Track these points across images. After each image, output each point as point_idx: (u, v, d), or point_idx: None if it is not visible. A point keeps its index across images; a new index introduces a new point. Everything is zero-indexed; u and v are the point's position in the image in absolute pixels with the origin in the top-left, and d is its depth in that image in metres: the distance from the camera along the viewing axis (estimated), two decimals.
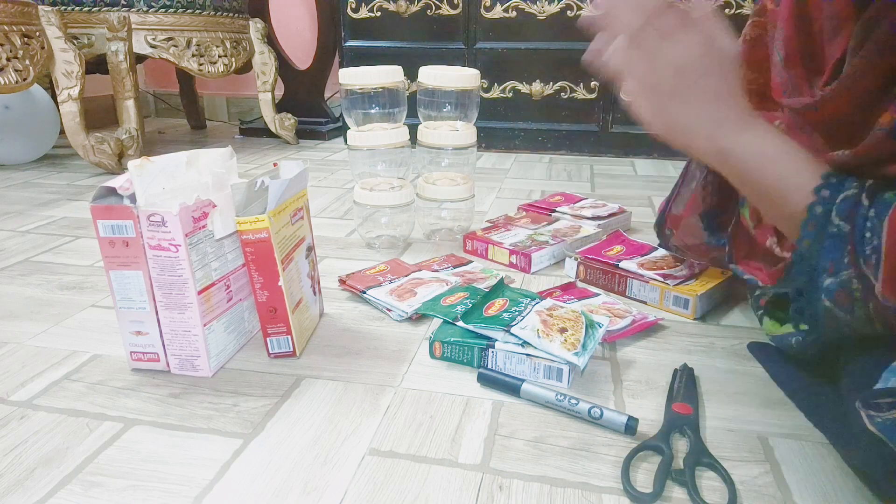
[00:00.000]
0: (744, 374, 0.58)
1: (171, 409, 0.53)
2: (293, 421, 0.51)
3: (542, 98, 1.72)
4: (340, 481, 0.44)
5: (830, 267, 0.43)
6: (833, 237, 0.42)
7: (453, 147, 0.92)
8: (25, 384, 0.57)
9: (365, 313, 0.71)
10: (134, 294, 0.55)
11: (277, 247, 0.56)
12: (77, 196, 1.25)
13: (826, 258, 0.43)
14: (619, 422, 0.49)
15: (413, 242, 0.96)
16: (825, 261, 0.43)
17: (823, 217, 0.43)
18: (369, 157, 0.92)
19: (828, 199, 0.43)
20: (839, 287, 0.43)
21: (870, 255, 0.40)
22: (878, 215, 0.40)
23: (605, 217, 1.00)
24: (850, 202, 0.42)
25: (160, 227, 0.52)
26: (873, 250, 0.40)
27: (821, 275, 0.43)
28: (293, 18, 2.27)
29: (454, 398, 0.54)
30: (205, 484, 0.44)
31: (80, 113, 1.39)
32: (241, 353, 0.62)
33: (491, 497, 0.42)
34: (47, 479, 0.44)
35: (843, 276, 0.42)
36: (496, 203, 1.21)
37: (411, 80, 1.03)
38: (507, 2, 1.65)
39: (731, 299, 0.74)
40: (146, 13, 1.50)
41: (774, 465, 0.46)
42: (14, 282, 0.81)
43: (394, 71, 0.86)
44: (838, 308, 0.44)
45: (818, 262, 0.43)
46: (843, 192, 0.43)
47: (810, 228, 0.43)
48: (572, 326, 0.58)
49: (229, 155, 0.60)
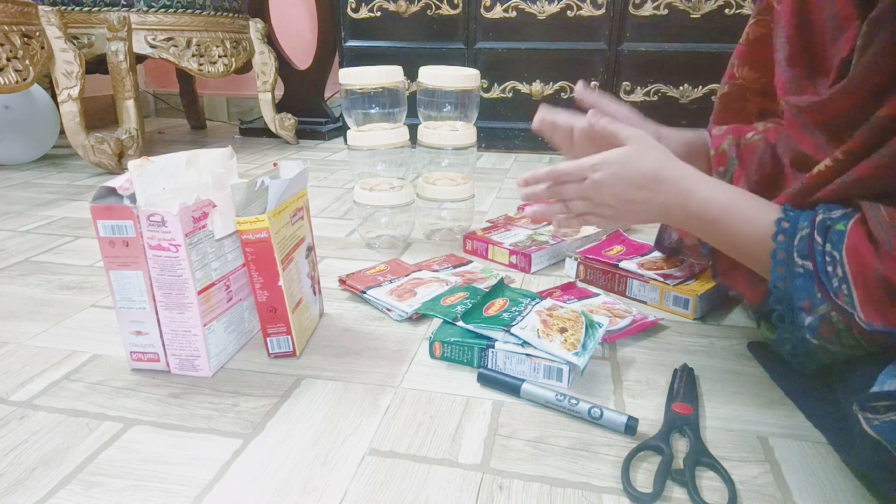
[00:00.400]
0: (744, 374, 0.58)
1: (171, 409, 0.53)
2: (293, 421, 0.51)
3: (542, 98, 1.72)
4: (340, 481, 0.44)
5: (806, 304, 0.44)
6: (801, 276, 0.44)
7: (453, 147, 0.92)
8: (25, 384, 0.57)
9: (365, 313, 0.71)
10: (134, 294, 0.55)
11: (277, 247, 0.56)
12: (77, 196, 1.25)
13: (800, 297, 0.45)
14: (619, 422, 0.49)
15: (413, 242, 0.96)
16: (800, 300, 0.45)
17: (787, 260, 0.45)
18: (369, 157, 0.92)
19: (785, 242, 0.45)
20: (820, 321, 0.44)
21: (838, 288, 0.41)
22: (834, 247, 0.42)
23: None
24: (805, 241, 0.44)
25: (160, 227, 0.52)
26: (840, 281, 0.41)
27: (799, 314, 0.45)
28: (293, 18, 2.27)
29: (454, 398, 0.54)
30: (205, 484, 0.44)
31: (80, 113, 1.39)
32: (241, 353, 0.62)
33: (491, 497, 0.42)
34: (47, 479, 0.44)
35: (820, 311, 0.44)
36: (496, 203, 1.21)
37: (411, 80, 1.04)
38: (507, 2, 1.65)
39: (731, 299, 0.74)
40: (146, 13, 1.50)
41: (774, 465, 0.46)
42: (14, 282, 0.81)
43: (394, 71, 0.86)
44: (825, 342, 0.45)
45: (793, 301, 0.45)
46: (797, 233, 0.45)
47: (779, 271, 0.46)
48: (572, 326, 0.58)
49: (229, 155, 0.60)
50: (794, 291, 0.45)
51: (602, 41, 1.62)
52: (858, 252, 0.41)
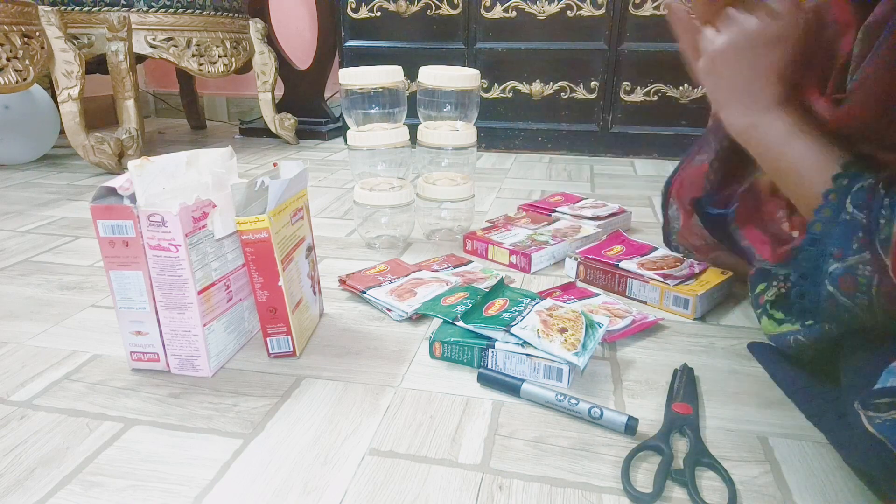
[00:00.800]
0: (744, 374, 0.58)
1: (171, 409, 0.53)
2: (293, 421, 0.51)
3: (542, 98, 1.72)
4: (340, 481, 0.44)
5: (838, 253, 0.44)
6: (844, 224, 0.44)
7: (453, 147, 0.92)
8: (25, 384, 0.57)
9: (365, 313, 0.71)
10: (134, 294, 0.55)
11: (277, 247, 0.56)
12: (77, 196, 1.25)
13: (834, 244, 0.44)
14: (619, 422, 0.49)
15: (413, 242, 0.96)
16: (833, 246, 0.44)
17: (838, 204, 0.45)
18: (369, 157, 0.92)
19: (844, 187, 0.45)
20: (845, 272, 0.44)
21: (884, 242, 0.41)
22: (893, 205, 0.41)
23: (605, 217, 1.00)
24: (865, 192, 0.43)
25: (160, 227, 0.52)
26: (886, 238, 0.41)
27: (827, 259, 0.45)
28: (293, 18, 2.27)
29: (454, 398, 0.54)
30: (205, 484, 0.44)
31: (80, 113, 1.39)
32: (241, 353, 0.62)
33: (491, 497, 0.42)
34: (47, 479, 0.44)
35: (849, 262, 0.44)
36: (496, 203, 1.21)
37: (411, 80, 1.04)
38: (507, 2, 1.65)
39: (731, 299, 0.74)
40: (146, 13, 1.50)
41: (774, 465, 0.46)
42: (14, 282, 0.81)
43: (394, 71, 0.86)
44: (841, 293, 0.45)
45: (826, 247, 0.45)
46: (859, 181, 0.44)
47: (825, 214, 0.45)
48: (572, 326, 0.58)
49: (229, 155, 0.60)
50: (830, 237, 0.45)
51: (602, 41, 1.62)
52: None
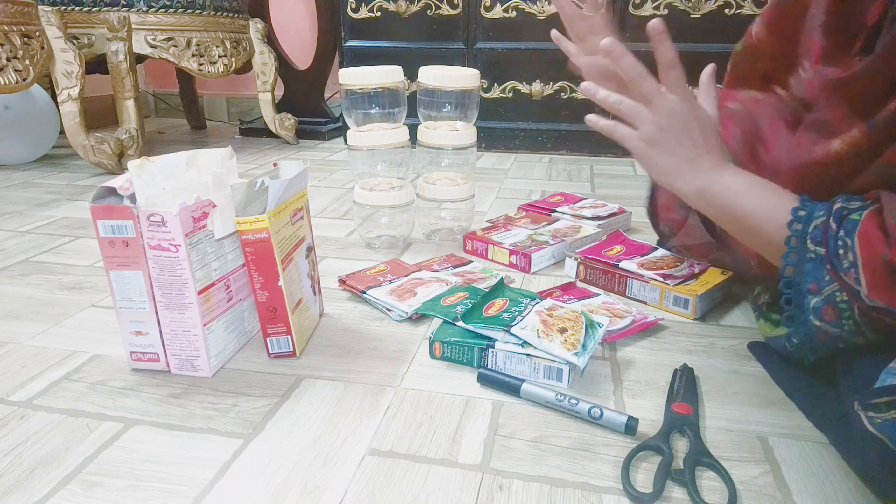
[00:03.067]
0: (744, 374, 0.58)
1: (171, 409, 0.53)
2: (293, 421, 0.51)
3: (542, 98, 1.72)
4: (340, 481, 0.44)
5: (813, 287, 0.47)
6: (812, 261, 0.46)
7: (453, 147, 0.92)
8: (25, 384, 0.57)
9: (365, 313, 0.71)
10: (134, 294, 0.55)
11: (277, 247, 0.56)
12: (77, 196, 1.25)
13: (808, 280, 0.47)
14: (619, 422, 0.49)
15: (413, 242, 0.96)
16: (808, 283, 0.47)
17: (800, 247, 0.47)
18: (369, 157, 0.92)
19: (800, 230, 0.47)
20: (824, 304, 0.46)
21: (848, 269, 0.44)
22: (847, 234, 0.44)
23: (605, 217, 1.00)
24: (820, 229, 0.46)
25: (160, 227, 0.52)
26: (850, 265, 0.44)
27: (806, 296, 0.47)
28: (293, 18, 2.27)
29: (454, 398, 0.54)
30: (205, 484, 0.44)
31: (80, 113, 1.39)
32: (241, 353, 0.62)
33: (491, 497, 0.42)
34: (47, 480, 0.44)
35: (825, 292, 0.46)
36: (496, 203, 1.21)
37: (411, 80, 1.04)
38: (507, 2, 1.65)
39: (731, 299, 0.74)
40: (146, 13, 1.50)
41: (774, 465, 0.46)
42: (14, 282, 0.81)
43: (394, 71, 0.86)
44: (828, 324, 0.46)
45: (802, 284, 0.48)
46: (813, 221, 0.47)
47: (792, 257, 0.48)
48: (572, 326, 0.58)
49: (229, 155, 0.60)
50: (804, 275, 0.47)
51: None
52: (869, 239, 0.43)
